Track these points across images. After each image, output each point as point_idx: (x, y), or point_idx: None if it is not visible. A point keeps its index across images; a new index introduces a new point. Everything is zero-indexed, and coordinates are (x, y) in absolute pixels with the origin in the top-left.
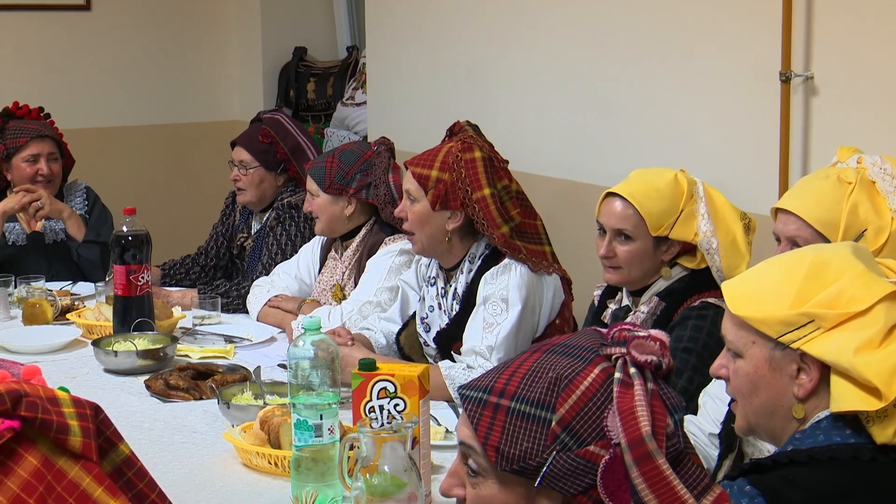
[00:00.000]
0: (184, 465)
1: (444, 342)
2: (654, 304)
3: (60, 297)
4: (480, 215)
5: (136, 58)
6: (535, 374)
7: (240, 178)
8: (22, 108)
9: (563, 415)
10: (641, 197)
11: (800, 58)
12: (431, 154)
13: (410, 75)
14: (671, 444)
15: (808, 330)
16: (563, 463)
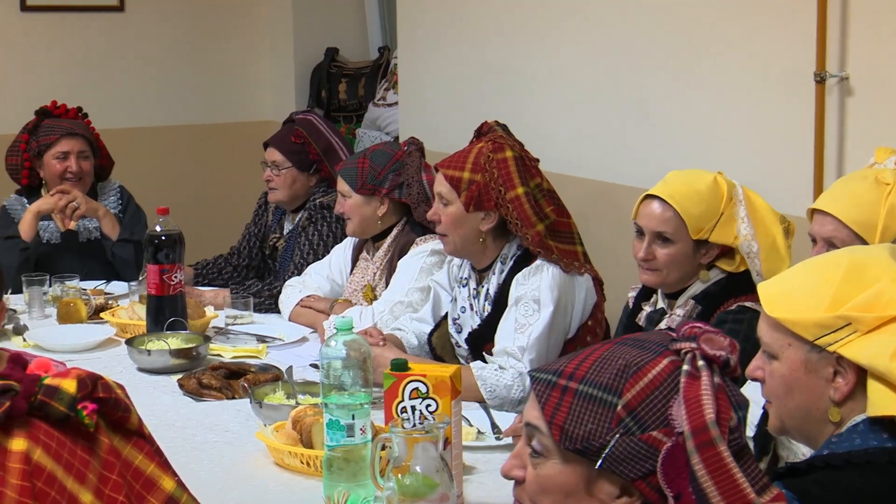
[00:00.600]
0: (216, 463)
1: (476, 343)
2: (689, 307)
3: (94, 296)
4: (514, 215)
5: (168, 58)
6: (605, 361)
7: (272, 178)
8: (60, 107)
9: (629, 400)
10: (682, 199)
11: (835, 58)
12: (462, 155)
13: (442, 76)
14: (734, 438)
15: (844, 333)
16: (625, 446)
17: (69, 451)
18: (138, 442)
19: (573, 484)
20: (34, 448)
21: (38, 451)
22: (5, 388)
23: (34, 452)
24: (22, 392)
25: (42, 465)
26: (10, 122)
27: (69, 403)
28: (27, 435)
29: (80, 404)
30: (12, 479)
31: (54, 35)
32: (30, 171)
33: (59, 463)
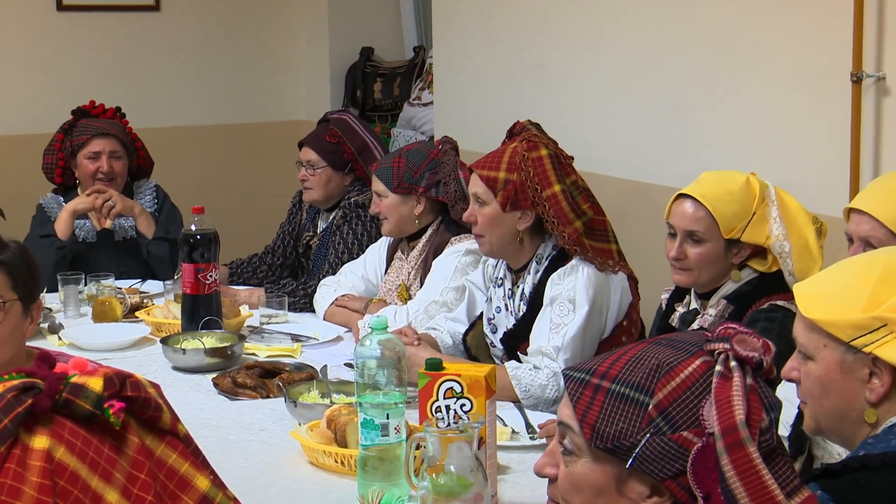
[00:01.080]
0: (251, 462)
1: (511, 343)
2: (721, 306)
3: (129, 295)
4: (551, 213)
5: (204, 58)
6: (638, 361)
7: (307, 177)
8: (98, 107)
9: (661, 399)
10: (714, 199)
11: (871, 58)
12: (496, 156)
13: (477, 75)
14: (764, 440)
15: (880, 334)
16: (655, 446)
17: (95, 449)
18: (172, 441)
19: (604, 483)
20: (57, 446)
21: (62, 450)
22: (29, 385)
23: (57, 451)
24: (46, 390)
25: (65, 464)
26: (47, 122)
27: (95, 402)
28: (50, 433)
29: (107, 403)
30: (32, 476)
31: (90, 35)
32: (63, 170)
33: (84, 461)
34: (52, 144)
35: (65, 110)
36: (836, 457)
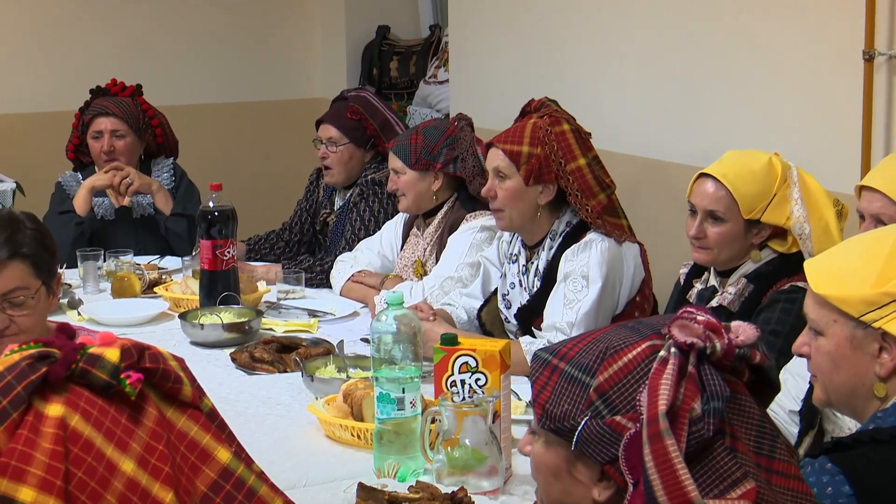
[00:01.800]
0: (268, 436)
1: (526, 318)
2: (741, 285)
3: (148, 271)
4: (575, 186)
5: (222, 37)
6: (594, 343)
7: (328, 155)
8: (117, 85)
9: (601, 382)
10: (735, 178)
11: (884, 36)
12: (517, 130)
13: (492, 53)
14: (694, 431)
15: (890, 310)
16: (593, 429)
17: (112, 419)
18: (193, 413)
19: (555, 465)
20: (72, 414)
21: (76, 418)
22: (44, 354)
23: (71, 419)
24: (62, 359)
25: (79, 432)
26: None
27: (111, 372)
28: (65, 401)
29: (124, 373)
30: (45, 443)
31: (111, 14)
32: (76, 147)
33: (100, 430)
34: (72, 123)
35: (84, 89)
36: (847, 431)
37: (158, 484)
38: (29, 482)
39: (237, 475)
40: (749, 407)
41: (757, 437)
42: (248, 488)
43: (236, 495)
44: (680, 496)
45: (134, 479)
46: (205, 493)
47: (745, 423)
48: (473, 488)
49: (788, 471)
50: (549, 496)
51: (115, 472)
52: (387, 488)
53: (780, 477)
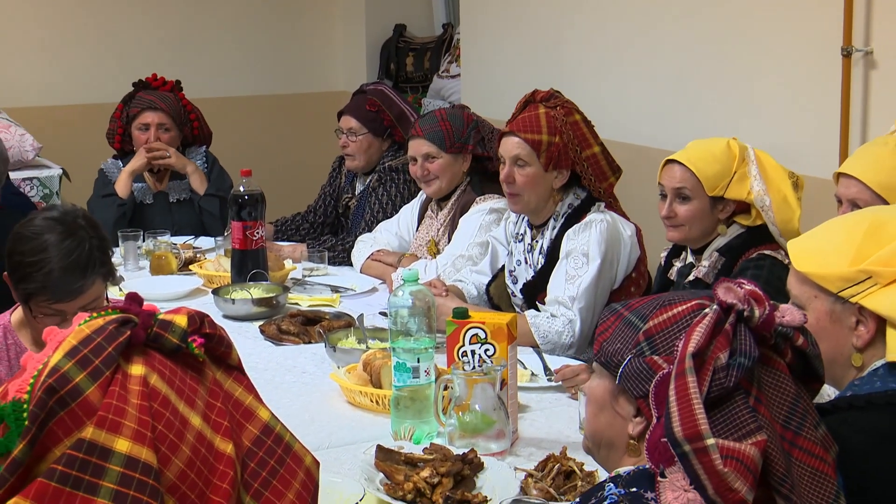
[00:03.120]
0: (294, 402)
1: (530, 293)
2: (714, 258)
3: (184, 250)
4: (590, 171)
5: (252, 35)
6: (655, 300)
7: (348, 144)
8: (158, 80)
9: (651, 327)
10: (697, 160)
11: (860, 34)
12: (533, 119)
13: (501, 49)
14: (717, 378)
15: (866, 286)
16: (634, 365)
17: (180, 378)
18: (238, 376)
19: (601, 396)
20: (151, 373)
21: (155, 377)
22: (126, 319)
23: (151, 377)
24: (140, 323)
25: (158, 389)
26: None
27: (181, 336)
28: (145, 362)
29: (190, 338)
30: (133, 399)
31: (150, 13)
32: (122, 136)
33: (172, 388)
34: (114, 113)
35: (124, 82)
36: (826, 397)
37: (219, 437)
38: (124, 434)
39: (276, 431)
40: (785, 384)
41: (788, 413)
42: (285, 443)
43: (276, 449)
44: (692, 428)
45: (201, 431)
46: (249, 448)
47: (777, 395)
48: (483, 450)
49: (813, 450)
50: (595, 427)
51: (186, 426)
52: (403, 450)
53: (802, 453)
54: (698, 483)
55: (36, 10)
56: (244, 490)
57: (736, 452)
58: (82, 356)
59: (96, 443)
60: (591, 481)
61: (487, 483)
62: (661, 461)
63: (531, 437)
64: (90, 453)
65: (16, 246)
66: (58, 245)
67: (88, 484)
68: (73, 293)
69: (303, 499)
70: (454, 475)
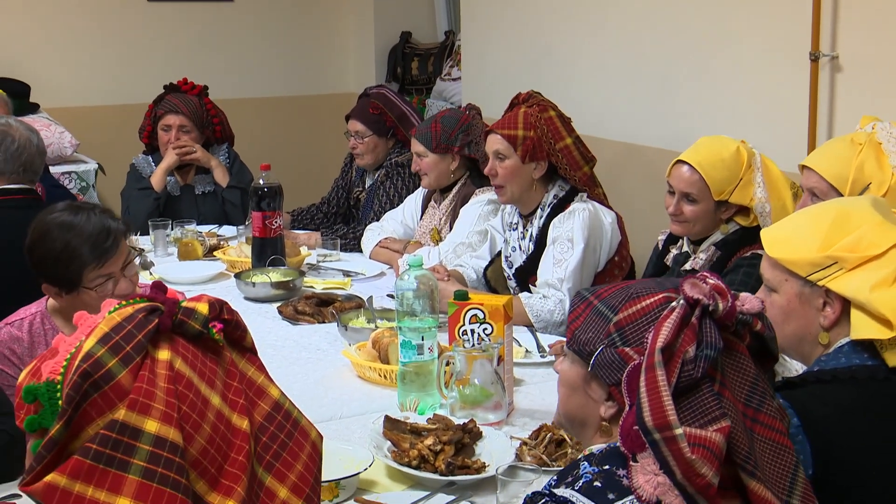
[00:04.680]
0: (309, 377)
1: (522, 276)
2: (711, 252)
3: (209, 238)
4: (564, 161)
5: (269, 42)
6: (624, 290)
7: (357, 145)
8: (188, 84)
9: (621, 319)
10: (707, 165)
11: (827, 40)
12: (511, 118)
13: (499, 54)
14: (686, 370)
15: (832, 270)
16: (606, 355)
17: (201, 361)
18: (251, 357)
19: (574, 380)
20: (176, 358)
21: (179, 361)
22: (154, 308)
23: (176, 361)
24: (166, 311)
25: (182, 372)
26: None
27: (202, 322)
28: (170, 347)
29: (211, 323)
30: (161, 382)
31: (176, 21)
32: (150, 133)
33: (195, 371)
34: (146, 112)
35: (153, 85)
36: (795, 372)
37: (236, 414)
38: (153, 415)
39: (285, 408)
40: (746, 365)
41: (748, 392)
42: (293, 419)
43: (285, 424)
44: (661, 418)
45: (220, 410)
46: (261, 423)
47: (739, 377)
48: (481, 420)
49: (773, 425)
50: (567, 407)
51: (208, 406)
52: (409, 420)
53: (763, 428)
54: (668, 468)
55: (74, 21)
56: (257, 462)
57: (703, 440)
58: (114, 343)
59: (128, 423)
60: (580, 449)
61: (485, 450)
62: (633, 447)
63: (525, 409)
64: (122, 433)
65: (42, 245)
66: (75, 222)
67: (120, 461)
68: (110, 250)
69: (310, 469)
70: (455, 443)
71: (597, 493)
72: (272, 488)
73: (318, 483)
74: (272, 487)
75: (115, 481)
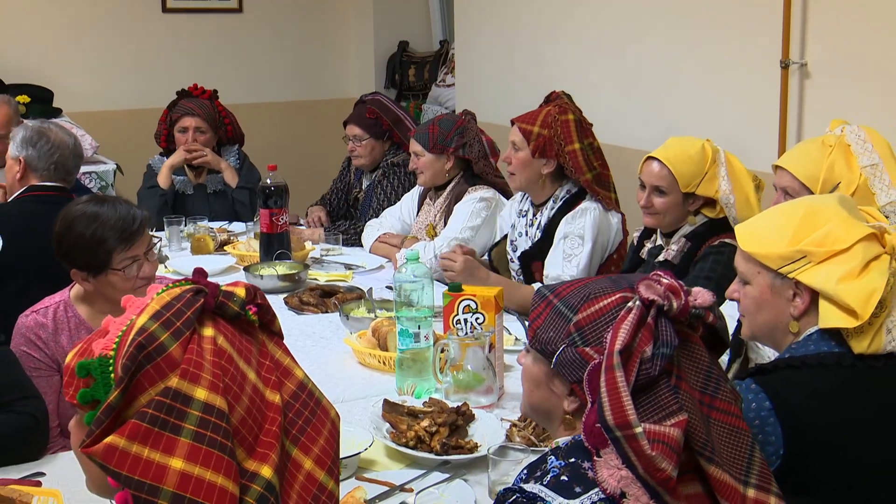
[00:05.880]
0: (313, 363)
1: (525, 260)
2: (682, 243)
3: (219, 234)
4: (570, 164)
5: (276, 50)
6: (582, 289)
7: (355, 148)
8: (198, 89)
9: (580, 319)
10: (675, 160)
11: (797, 49)
12: (534, 114)
13: (489, 63)
14: (644, 368)
15: (801, 264)
16: (567, 354)
17: (239, 340)
18: (278, 341)
19: (537, 376)
20: (218, 335)
21: (221, 338)
22: (198, 289)
23: (219, 338)
24: (210, 293)
25: (224, 348)
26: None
27: (240, 305)
28: (213, 325)
29: (248, 306)
30: (208, 356)
31: (188, 31)
32: (167, 137)
33: (234, 348)
34: (161, 117)
35: (167, 90)
36: (767, 359)
37: (269, 389)
38: (202, 384)
39: (309, 388)
40: (700, 354)
41: (704, 380)
42: (316, 398)
43: (309, 402)
44: (621, 417)
45: (256, 384)
46: (287, 401)
47: (693, 367)
48: (474, 403)
49: (729, 409)
50: (532, 400)
51: (245, 380)
52: (406, 403)
53: (720, 413)
54: (630, 463)
55: (94, 32)
56: (284, 435)
57: (662, 436)
58: (166, 319)
59: (180, 391)
60: None
61: (478, 432)
62: (596, 444)
63: (515, 393)
64: (175, 399)
65: (71, 233)
66: (101, 209)
67: (173, 425)
68: (137, 233)
69: (330, 444)
70: (450, 425)
71: (564, 487)
72: (298, 459)
73: (337, 457)
74: (298, 459)
75: (168, 443)
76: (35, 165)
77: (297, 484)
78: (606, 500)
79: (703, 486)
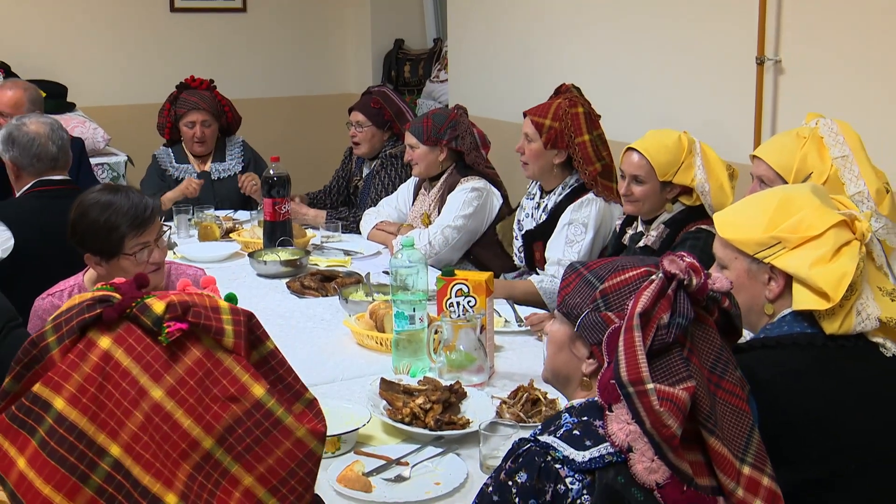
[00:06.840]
0: (314, 344)
1: (528, 239)
2: (661, 230)
3: (225, 222)
4: (579, 155)
5: (279, 47)
6: (610, 263)
7: (356, 134)
8: (195, 80)
9: (606, 287)
10: (653, 151)
11: (771, 46)
12: (546, 107)
13: (480, 59)
14: (660, 334)
15: (776, 249)
16: (591, 318)
17: (153, 355)
18: (237, 357)
19: (561, 339)
20: (116, 348)
21: (120, 351)
22: (104, 297)
23: (115, 351)
24: (118, 304)
25: (119, 362)
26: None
27: (154, 320)
28: (114, 337)
29: (166, 323)
30: (86, 367)
31: (195, 29)
32: (171, 129)
33: (139, 363)
34: (162, 111)
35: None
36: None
37: (182, 411)
38: (62, 394)
39: (267, 407)
40: (713, 337)
41: (714, 360)
42: (275, 418)
43: (263, 422)
44: (635, 373)
45: (160, 404)
46: (239, 417)
47: (706, 346)
48: (466, 382)
49: (735, 391)
50: (554, 364)
51: (144, 397)
52: (402, 382)
53: (725, 393)
54: (638, 418)
55: (106, 30)
56: (225, 452)
57: (670, 395)
58: (58, 322)
59: (40, 396)
60: (553, 407)
61: (470, 409)
62: (609, 399)
63: (505, 372)
64: (35, 403)
65: (85, 219)
66: (114, 198)
67: (30, 427)
68: (149, 220)
69: (283, 464)
70: (443, 402)
71: (575, 440)
72: (237, 476)
73: (291, 476)
74: (237, 475)
75: (23, 442)
76: (21, 164)
77: (231, 500)
78: (614, 454)
79: (703, 457)
